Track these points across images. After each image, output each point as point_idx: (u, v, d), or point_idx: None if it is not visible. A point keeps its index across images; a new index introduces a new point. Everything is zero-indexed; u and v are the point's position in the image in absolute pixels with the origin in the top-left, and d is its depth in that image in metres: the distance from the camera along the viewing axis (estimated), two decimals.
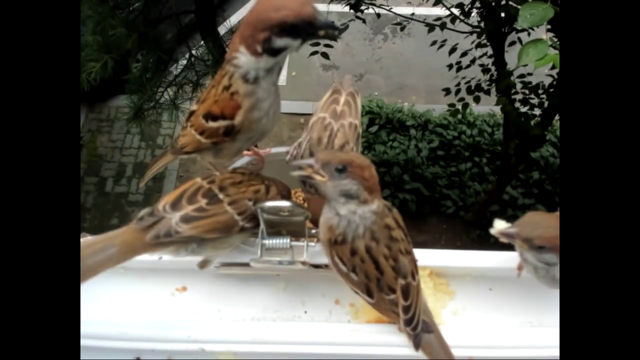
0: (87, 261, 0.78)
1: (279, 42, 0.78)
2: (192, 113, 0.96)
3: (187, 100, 3.33)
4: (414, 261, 0.90)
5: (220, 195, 0.88)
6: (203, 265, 0.98)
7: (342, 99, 1.09)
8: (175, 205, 0.84)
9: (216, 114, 0.88)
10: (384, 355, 0.94)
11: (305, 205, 1.36)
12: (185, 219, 0.83)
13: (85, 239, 0.81)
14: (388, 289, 0.88)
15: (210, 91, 0.89)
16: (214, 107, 0.87)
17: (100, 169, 5.49)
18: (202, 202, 0.85)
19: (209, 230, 0.84)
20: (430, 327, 0.90)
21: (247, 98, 0.85)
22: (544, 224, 0.87)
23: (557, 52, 1.40)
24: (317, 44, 3.46)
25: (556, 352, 0.70)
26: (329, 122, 1.05)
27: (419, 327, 0.88)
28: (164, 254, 0.89)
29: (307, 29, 0.76)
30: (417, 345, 0.89)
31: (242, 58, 0.81)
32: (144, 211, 0.85)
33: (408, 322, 0.88)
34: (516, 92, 3.50)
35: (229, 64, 0.83)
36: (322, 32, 0.77)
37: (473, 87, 3.70)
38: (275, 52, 0.80)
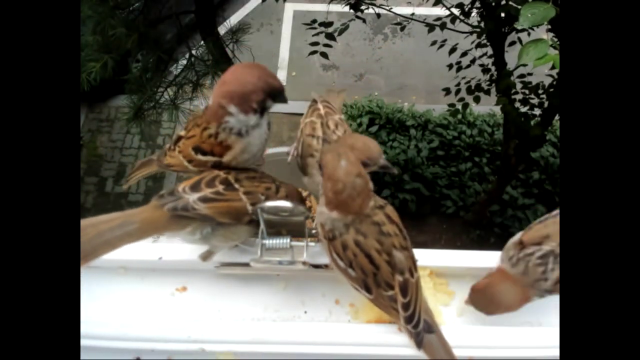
0: (104, 236, 0.80)
1: (269, 103, 0.95)
2: (179, 138, 1.01)
3: (187, 100, 3.33)
4: (411, 258, 0.90)
5: (236, 185, 0.92)
6: (205, 257, 0.99)
7: (320, 106, 1.16)
8: (194, 187, 0.90)
9: (206, 150, 0.97)
10: (384, 355, 0.94)
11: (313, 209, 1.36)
12: (204, 199, 0.88)
13: (102, 216, 0.83)
14: (386, 284, 0.88)
15: (195, 129, 0.97)
16: (204, 144, 0.96)
17: (100, 169, 5.49)
18: (220, 187, 0.91)
19: (223, 213, 0.89)
20: (431, 327, 0.90)
21: (238, 144, 0.96)
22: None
23: (557, 52, 1.40)
24: (317, 44, 3.46)
25: (556, 352, 0.70)
26: (317, 121, 1.12)
27: (420, 326, 0.88)
28: (181, 236, 0.91)
29: (280, 95, 0.97)
30: (419, 343, 0.88)
31: (233, 119, 0.93)
32: (164, 191, 0.90)
33: (408, 320, 0.88)
34: (516, 92, 3.49)
35: (219, 126, 0.94)
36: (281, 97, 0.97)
37: (473, 87, 3.70)
38: (262, 112, 0.95)
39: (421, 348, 0.89)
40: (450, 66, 3.78)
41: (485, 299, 0.96)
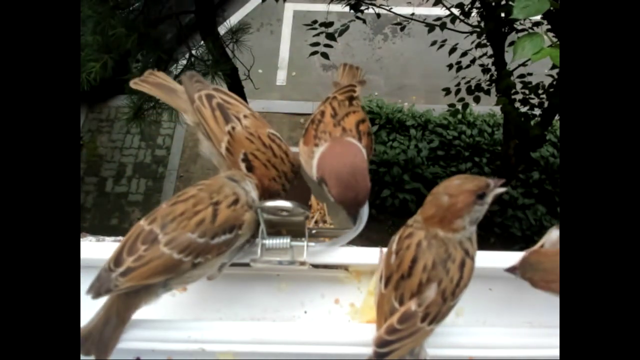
0: (104, 333, 0.82)
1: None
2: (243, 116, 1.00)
3: None
4: (439, 308, 0.82)
5: (160, 236, 0.82)
6: (210, 276, 0.98)
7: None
8: (117, 261, 0.81)
9: (255, 177, 0.96)
10: None
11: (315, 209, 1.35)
12: (124, 273, 0.80)
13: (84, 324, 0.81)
14: (401, 295, 0.83)
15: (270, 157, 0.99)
16: (264, 177, 0.97)
17: (100, 169, 5.49)
18: (141, 249, 0.81)
19: (148, 277, 0.81)
20: None
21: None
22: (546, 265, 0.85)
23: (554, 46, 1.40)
24: (317, 44, 3.47)
25: (556, 352, 0.70)
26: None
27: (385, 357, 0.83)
28: (148, 304, 0.88)
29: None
30: None
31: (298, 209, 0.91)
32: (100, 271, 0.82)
33: (382, 344, 0.82)
34: (516, 92, 3.50)
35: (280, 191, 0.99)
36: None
37: (473, 87, 3.71)
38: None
39: None
40: (450, 66, 3.78)
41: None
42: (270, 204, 0.90)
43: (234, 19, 4.86)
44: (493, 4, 3.00)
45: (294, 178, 1.01)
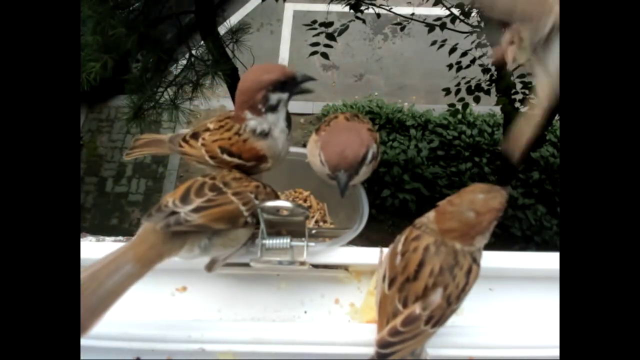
0: (106, 285, 0.77)
1: (274, 97, 0.98)
2: (206, 130, 1.05)
3: (187, 100, 3.33)
4: (443, 311, 0.83)
5: (225, 189, 0.91)
6: (210, 267, 0.98)
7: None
8: (184, 199, 0.87)
9: (233, 152, 1.01)
10: None
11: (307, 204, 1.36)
12: (196, 210, 0.85)
13: (95, 264, 0.79)
14: (405, 298, 0.83)
15: (225, 133, 1.02)
16: (233, 147, 1.01)
17: (100, 169, 5.50)
18: (210, 194, 0.89)
19: (217, 219, 0.87)
20: None
21: (262, 145, 1.01)
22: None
23: None
24: (317, 44, 3.47)
25: (556, 352, 0.70)
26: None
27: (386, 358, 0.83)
28: (180, 256, 0.89)
29: (291, 83, 0.98)
30: None
31: (252, 122, 0.99)
32: (151, 209, 0.86)
33: (384, 345, 0.82)
34: (516, 92, 3.50)
35: (242, 128, 1.00)
36: (302, 85, 1.00)
37: (473, 87, 3.71)
38: (273, 108, 0.99)
39: None
40: (450, 66, 3.78)
41: None
42: (271, 203, 0.90)
43: (234, 19, 4.87)
44: None
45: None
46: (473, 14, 3.53)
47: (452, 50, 3.66)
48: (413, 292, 0.83)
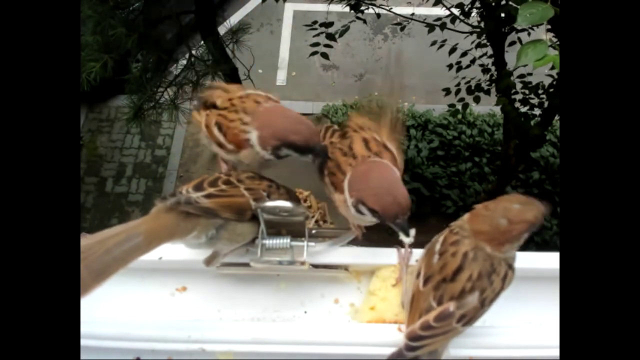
0: (113, 252, 0.78)
1: (285, 152, 0.96)
2: (213, 105, 1.04)
3: (187, 100, 3.33)
4: (476, 312, 0.85)
5: (237, 183, 0.94)
6: (209, 261, 0.98)
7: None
8: (198, 187, 0.91)
9: (224, 132, 1.00)
10: (384, 355, 0.94)
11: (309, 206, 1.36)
12: (207, 196, 0.89)
13: (105, 231, 0.81)
14: (440, 296, 0.85)
15: (232, 114, 1.01)
16: (228, 129, 1.00)
17: (100, 169, 5.49)
18: (223, 186, 0.92)
19: (226, 207, 0.89)
20: None
21: (247, 149, 1.00)
22: None
23: (556, 52, 1.40)
24: (317, 44, 3.47)
25: (556, 352, 0.70)
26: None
27: (414, 350, 0.85)
28: (187, 241, 0.91)
29: (309, 151, 0.96)
30: (397, 354, 0.86)
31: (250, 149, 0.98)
32: (166, 194, 0.90)
33: (415, 338, 0.84)
34: (516, 92, 3.50)
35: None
36: (316, 157, 0.97)
37: (473, 87, 3.71)
38: (277, 156, 0.97)
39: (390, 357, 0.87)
40: (450, 66, 3.78)
41: None
42: (271, 204, 0.90)
43: (234, 19, 4.85)
44: (493, 4, 3.00)
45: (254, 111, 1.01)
46: (473, 14, 3.53)
47: (452, 50, 3.66)
48: (449, 292, 0.85)
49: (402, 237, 0.91)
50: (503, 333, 0.97)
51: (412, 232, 0.91)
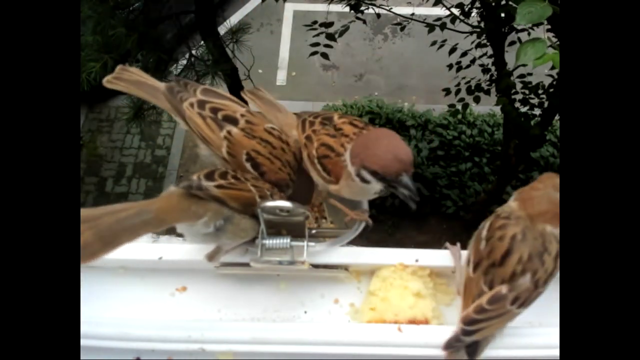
0: (123, 223, 0.80)
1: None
2: (230, 118, 1.01)
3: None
4: (530, 294, 0.85)
5: (244, 181, 0.95)
6: (212, 256, 0.98)
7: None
8: (208, 176, 0.92)
9: (263, 168, 1.00)
10: (384, 355, 0.94)
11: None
12: (217, 186, 0.90)
13: (117, 205, 0.83)
14: (491, 281, 0.86)
15: (273, 139, 1.01)
16: (274, 173, 1.00)
17: (100, 169, 5.49)
18: (232, 180, 0.93)
19: (234, 198, 0.91)
20: (472, 351, 0.88)
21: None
22: None
23: (555, 51, 1.40)
24: (317, 44, 3.47)
25: (556, 352, 0.70)
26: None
27: (468, 337, 0.86)
28: (195, 228, 0.91)
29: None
30: (449, 344, 0.88)
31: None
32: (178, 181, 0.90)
33: (470, 322, 0.85)
34: (516, 92, 3.50)
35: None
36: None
37: (473, 87, 3.71)
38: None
39: (446, 349, 0.88)
40: (450, 66, 3.78)
41: None
42: (271, 204, 0.90)
43: (234, 19, 4.86)
44: (493, 4, 3.00)
45: (297, 165, 1.04)
46: (473, 14, 3.53)
47: (452, 50, 3.66)
48: (499, 276, 0.86)
49: (409, 202, 0.90)
50: (503, 333, 0.97)
51: (416, 189, 0.89)
